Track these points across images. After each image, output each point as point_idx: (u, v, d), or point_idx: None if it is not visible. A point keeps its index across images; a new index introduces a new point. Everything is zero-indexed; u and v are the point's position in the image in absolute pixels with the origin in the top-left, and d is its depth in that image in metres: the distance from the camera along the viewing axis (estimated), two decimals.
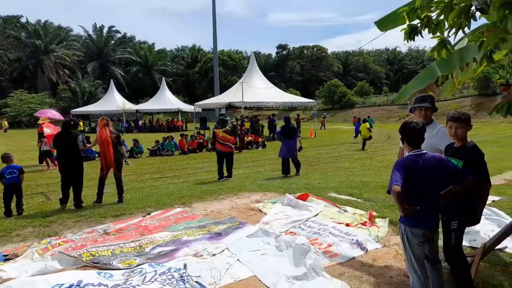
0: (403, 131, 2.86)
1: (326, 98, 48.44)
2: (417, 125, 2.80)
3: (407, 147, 2.87)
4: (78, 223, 5.65)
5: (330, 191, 7.33)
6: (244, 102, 20.23)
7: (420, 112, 3.64)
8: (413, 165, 2.74)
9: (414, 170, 2.72)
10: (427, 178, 2.75)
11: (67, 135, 6.78)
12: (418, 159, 2.76)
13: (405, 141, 2.86)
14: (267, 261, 3.98)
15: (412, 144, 2.83)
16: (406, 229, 2.80)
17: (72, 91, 48.71)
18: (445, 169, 2.78)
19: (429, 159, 2.77)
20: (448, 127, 3.14)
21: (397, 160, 2.85)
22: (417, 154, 2.79)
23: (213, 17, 44.99)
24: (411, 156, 2.80)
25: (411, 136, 2.81)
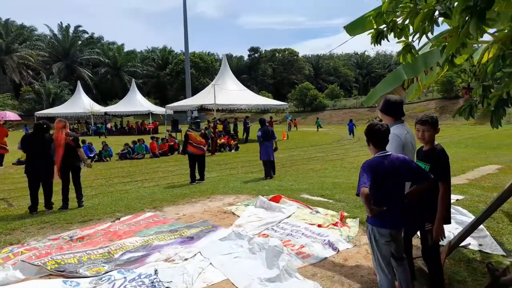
0: (368, 133, 2.91)
1: (298, 101, 49.11)
2: (382, 127, 2.85)
3: (372, 149, 2.92)
4: (42, 230, 5.40)
5: (303, 193, 7.40)
6: (216, 104, 20.14)
7: None
8: (379, 167, 2.79)
9: (381, 172, 2.77)
10: (392, 179, 2.81)
11: (40, 138, 6.51)
12: (383, 161, 2.82)
13: (371, 143, 2.91)
14: (240, 264, 3.95)
15: (377, 146, 2.88)
16: (374, 229, 2.86)
17: (36, 93, 46.75)
18: (409, 169, 2.84)
19: (394, 160, 2.83)
20: (416, 130, 3.22)
21: (364, 162, 2.87)
22: (382, 155, 2.84)
23: (184, 18, 44.57)
24: (377, 158, 2.85)
25: (376, 138, 2.87)
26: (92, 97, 40.78)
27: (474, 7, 1.81)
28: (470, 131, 22.56)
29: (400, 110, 3.44)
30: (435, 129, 3.12)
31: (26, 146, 6.58)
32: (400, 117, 3.44)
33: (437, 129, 3.13)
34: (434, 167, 3.05)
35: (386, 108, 3.45)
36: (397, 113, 3.42)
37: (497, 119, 2.12)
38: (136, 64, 62.23)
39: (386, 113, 3.46)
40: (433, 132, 3.12)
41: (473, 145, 15.75)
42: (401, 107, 3.45)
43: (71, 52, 56.55)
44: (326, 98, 49.90)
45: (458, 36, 2.03)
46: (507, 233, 4.65)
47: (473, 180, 8.22)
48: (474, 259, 3.96)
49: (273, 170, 9.53)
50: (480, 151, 13.63)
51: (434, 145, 3.17)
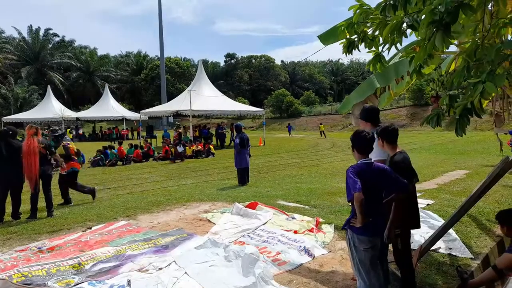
0: (354, 139, 2.95)
1: (274, 107, 49.45)
2: (368, 134, 2.90)
3: (357, 155, 2.96)
4: (8, 241, 5.16)
5: (279, 199, 7.43)
6: (192, 110, 19.97)
7: None
8: (365, 174, 2.81)
9: (367, 178, 2.79)
10: (374, 187, 2.84)
11: (6, 145, 6.24)
12: (367, 168, 2.86)
13: (356, 149, 2.96)
14: (216, 272, 3.91)
15: (362, 152, 2.92)
16: (354, 236, 2.87)
17: (4, 97, 44.81)
18: (388, 179, 2.89)
19: (375, 169, 2.88)
20: None
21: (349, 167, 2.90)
22: (366, 163, 2.89)
23: (159, 23, 44.26)
24: (362, 165, 2.88)
25: (362, 144, 2.90)
26: (63, 102, 39.56)
27: (440, 21, 1.90)
28: (439, 137, 23.39)
29: (377, 116, 3.76)
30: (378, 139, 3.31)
31: None
32: (378, 123, 3.69)
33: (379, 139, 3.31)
34: None
35: (365, 115, 3.76)
36: (375, 119, 3.73)
37: (462, 128, 2.21)
38: (110, 69, 60.98)
39: (366, 120, 3.75)
40: (378, 142, 3.31)
41: (442, 151, 16.32)
42: (378, 114, 3.79)
43: (41, 56, 54.71)
44: (302, 104, 50.51)
45: (425, 48, 2.11)
46: (475, 237, 4.84)
47: (443, 185, 8.51)
48: (444, 263, 4.08)
49: (248, 177, 9.54)
50: (449, 156, 14.14)
51: (393, 152, 3.31)
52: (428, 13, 1.92)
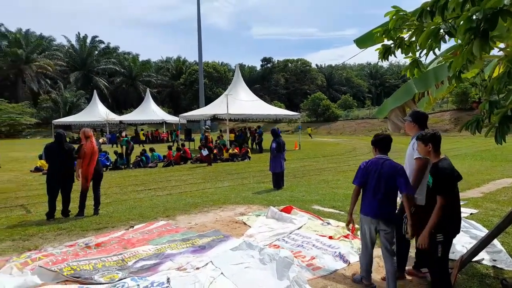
0: (376, 141, 3.66)
1: (310, 111, 49.07)
2: (386, 136, 3.65)
3: (376, 152, 3.66)
4: (59, 237, 5.55)
5: (314, 204, 7.41)
6: (229, 114, 20.30)
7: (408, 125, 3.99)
8: (372, 166, 3.58)
9: (373, 170, 3.54)
10: (380, 179, 3.50)
11: (61, 147, 6.75)
12: (379, 162, 3.57)
13: (377, 148, 3.67)
14: (251, 274, 3.99)
15: (380, 150, 3.65)
16: (361, 216, 3.70)
17: (54, 101, 47.89)
18: (395, 178, 3.45)
19: (387, 165, 3.52)
20: None
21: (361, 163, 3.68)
22: (380, 157, 3.60)
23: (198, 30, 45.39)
24: (375, 159, 3.61)
25: (381, 144, 3.64)
26: (108, 106, 41.49)
27: (477, 28, 1.87)
28: (485, 143, 22.17)
29: (426, 121, 3.90)
30: (425, 144, 3.31)
31: (48, 155, 6.80)
32: (424, 128, 3.77)
33: (427, 144, 3.29)
34: (434, 181, 3.19)
35: (415, 118, 3.88)
36: (423, 123, 3.85)
37: (501, 135, 2.15)
38: (151, 74, 63.27)
39: (415, 122, 3.87)
40: (424, 147, 3.33)
41: (489, 157, 15.48)
42: (427, 119, 3.93)
43: (88, 62, 57.87)
44: (339, 108, 49.77)
45: (463, 54, 2.08)
46: None
47: (488, 193, 8.10)
48: (488, 275, 3.92)
49: (283, 181, 9.57)
50: (496, 163, 13.40)
51: (438, 159, 3.26)
52: (465, 20, 1.90)
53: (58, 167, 6.69)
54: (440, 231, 3.15)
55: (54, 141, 6.93)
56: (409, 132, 3.99)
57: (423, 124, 3.84)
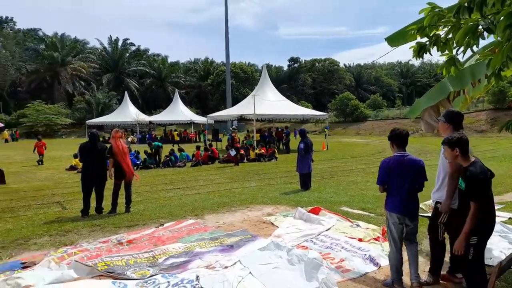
0: (393, 136, 3.71)
1: (338, 111, 48.39)
2: (403, 131, 3.71)
3: (394, 148, 3.70)
4: (93, 233, 5.75)
5: (343, 205, 7.31)
6: (256, 114, 20.34)
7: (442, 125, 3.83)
8: (394, 164, 3.62)
9: (395, 168, 3.60)
10: (402, 175, 3.57)
11: (95, 146, 7.02)
12: (400, 159, 3.61)
13: (394, 144, 3.71)
14: (279, 274, 3.99)
15: (398, 145, 3.68)
16: (387, 213, 3.72)
17: (87, 102, 49.75)
18: (417, 171, 3.58)
19: (409, 161, 3.60)
20: None
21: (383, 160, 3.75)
22: (400, 155, 3.64)
23: (225, 31, 45.83)
24: (395, 157, 3.66)
25: (398, 139, 3.68)
26: (138, 107, 42.63)
27: None
28: None
29: (461, 121, 3.73)
30: (451, 149, 3.21)
31: (83, 155, 7.08)
32: (459, 129, 3.62)
33: (454, 148, 3.20)
34: (466, 186, 3.09)
35: (450, 117, 3.71)
36: (458, 124, 3.68)
37: None
38: (179, 75, 64.44)
39: (449, 122, 3.69)
40: (450, 152, 3.23)
41: None
42: (462, 118, 3.75)
43: (120, 64, 59.71)
44: (368, 108, 48.76)
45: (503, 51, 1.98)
46: None
47: None
48: None
49: (310, 182, 9.49)
50: None
51: (468, 163, 3.16)
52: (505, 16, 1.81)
53: (92, 166, 6.95)
54: (475, 234, 3.05)
55: (88, 141, 7.21)
56: (443, 133, 3.84)
57: (458, 125, 3.66)
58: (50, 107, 44.63)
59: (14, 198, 8.75)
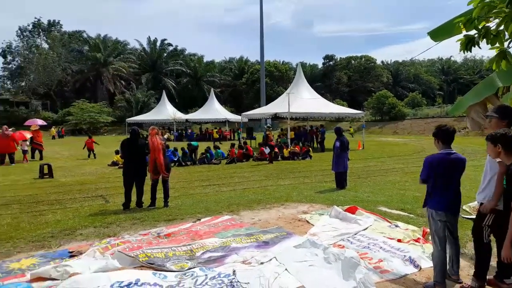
0: (438, 132, 3.60)
1: (375, 109, 47.11)
2: (450, 127, 3.60)
3: (440, 145, 3.60)
4: (134, 226, 5.99)
5: (380, 205, 7.13)
6: (290, 112, 20.26)
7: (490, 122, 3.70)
8: (440, 162, 3.53)
9: (442, 165, 3.51)
10: (449, 173, 3.51)
11: (134, 143, 7.30)
12: (446, 157, 3.52)
13: (439, 140, 3.60)
14: (315, 272, 3.97)
15: (444, 142, 3.58)
16: (432, 212, 3.58)
17: (127, 101, 51.64)
18: (462, 171, 3.54)
19: (453, 158, 3.51)
20: None
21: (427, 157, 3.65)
22: (446, 152, 3.54)
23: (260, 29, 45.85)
24: (441, 154, 3.56)
25: (444, 136, 3.56)
26: (175, 105, 43.67)
27: None
28: None
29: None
30: (494, 145, 3.17)
31: (124, 150, 7.39)
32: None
33: (496, 144, 3.14)
34: (507, 184, 3.01)
35: (504, 113, 3.53)
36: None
37: None
38: (215, 74, 65.32)
39: (503, 118, 3.52)
40: (493, 148, 3.17)
41: None
42: None
43: (158, 64, 61.42)
44: (406, 106, 47.11)
45: None
46: None
47: None
48: None
49: (346, 181, 9.34)
50: None
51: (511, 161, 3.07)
52: None
53: (132, 162, 7.23)
54: None
55: (129, 137, 7.50)
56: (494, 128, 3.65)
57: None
58: (93, 105, 46.75)
59: (61, 191, 9.28)
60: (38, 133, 17.77)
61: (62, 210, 7.14)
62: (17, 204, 7.74)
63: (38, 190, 9.45)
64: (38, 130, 18.10)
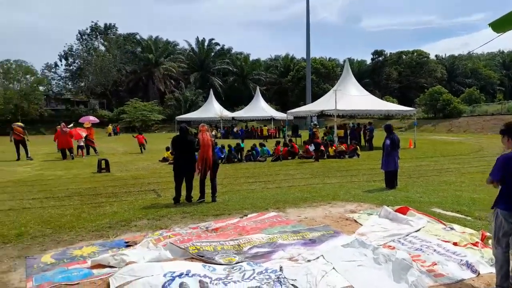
0: (508, 128, 3.41)
1: (427, 106, 44.76)
2: None
3: (509, 142, 3.40)
4: (184, 219, 6.22)
5: (433, 206, 6.80)
6: (337, 110, 19.85)
7: None
8: None
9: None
10: None
11: (185, 139, 7.60)
12: None
13: (510, 137, 3.39)
14: (364, 273, 3.88)
15: None
16: (500, 212, 3.41)
17: (177, 100, 53.57)
18: None
19: None
20: None
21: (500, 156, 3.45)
22: None
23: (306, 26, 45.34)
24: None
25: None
26: (221, 103, 44.53)
27: None
28: None
29: None
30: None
31: (174, 147, 7.69)
32: None
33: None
34: None
35: None
36: None
37: None
38: (261, 72, 65.70)
39: None
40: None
41: None
42: None
43: (205, 63, 63.00)
44: (463, 103, 44.26)
45: None
46: None
47: None
48: None
49: (396, 181, 8.99)
50: None
51: None
52: None
53: (182, 157, 7.50)
54: None
55: (179, 134, 7.79)
56: None
57: None
58: (145, 104, 49.06)
59: (117, 184, 9.85)
60: (91, 130, 19.23)
61: (118, 203, 7.57)
62: (78, 196, 8.33)
63: (97, 183, 10.10)
64: (90, 127, 19.57)
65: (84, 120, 20.60)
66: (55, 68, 55.83)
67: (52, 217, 6.42)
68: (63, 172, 12.41)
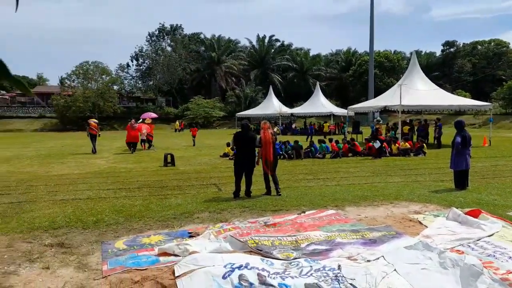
0: None
1: (506, 101, 40.72)
2: None
3: None
4: (243, 213, 6.40)
5: (510, 210, 6.23)
6: (402, 105, 18.87)
7: None
8: None
9: None
10: None
11: (246, 135, 7.82)
12: None
13: None
14: (429, 277, 3.71)
15: None
16: None
17: (237, 97, 54.72)
18: None
19: None
20: None
21: None
22: None
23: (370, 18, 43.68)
24: None
25: None
26: (281, 100, 44.60)
27: None
28: None
29: None
30: None
31: (236, 143, 7.93)
32: None
33: None
34: None
35: None
36: None
37: None
38: (321, 68, 64.55)
39: None
40: None
41: None
42: None
43: (266, 60, 63.44)
44: None
45: None
46: None
47: None
48: None
49: (467, 181, 8.35)
50: None
51: None
52: None
53: (243, 153, 7.71)
54: None
55: (240, 131, 8.02)
56: None
57: None
58: (208, 101, 50.86)
59: (181, 178, 10.39)
60: (151, 126, 20.73)
61: (182, 195, 8.00)
62: (147, 188, 8.94)
63: (163, 176, 10.74)
64: (151, 123, 21.14)
65: (145, 116, 22.29)
66: (127, 68, 59.90)
67: (124, 207, 6.97)
68: (133, 165, 13.37)
